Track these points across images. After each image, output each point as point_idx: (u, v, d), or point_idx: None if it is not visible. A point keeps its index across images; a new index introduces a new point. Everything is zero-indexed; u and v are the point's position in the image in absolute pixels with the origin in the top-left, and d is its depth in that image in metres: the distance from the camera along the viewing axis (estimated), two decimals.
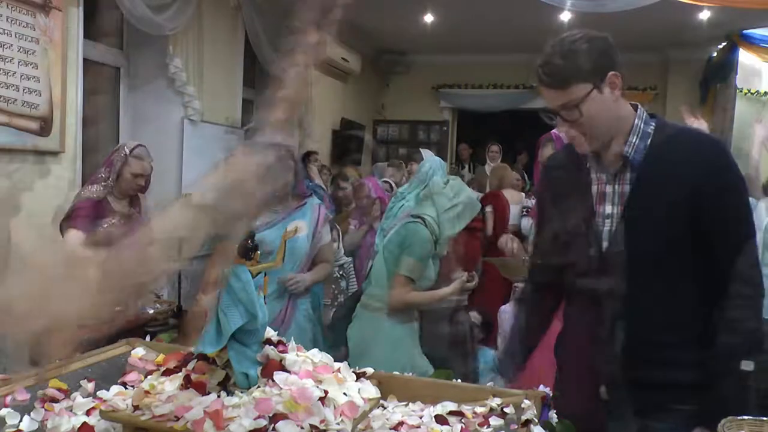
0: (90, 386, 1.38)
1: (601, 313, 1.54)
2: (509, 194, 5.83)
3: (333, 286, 3.91)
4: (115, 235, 2.87)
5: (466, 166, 8.61)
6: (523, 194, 6.11)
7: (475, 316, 3.87)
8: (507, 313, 4.51)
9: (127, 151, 2.95)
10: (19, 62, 3.29)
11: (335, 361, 1.29)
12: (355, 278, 4.08)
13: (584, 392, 1.58)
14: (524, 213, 6.19)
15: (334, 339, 2.82)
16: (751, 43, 6.88)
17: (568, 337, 1.72)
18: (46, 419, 1.24)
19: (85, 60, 3.80)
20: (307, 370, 1.21)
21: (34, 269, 0.70)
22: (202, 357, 1.20)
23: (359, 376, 1.31)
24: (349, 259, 4.14)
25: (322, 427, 1.07)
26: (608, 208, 1.57)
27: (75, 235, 2.81)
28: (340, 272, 3.99)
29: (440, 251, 2.69)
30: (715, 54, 7.44)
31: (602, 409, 1.57)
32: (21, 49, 3.30)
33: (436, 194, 2.66)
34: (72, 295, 0.69)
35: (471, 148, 8.81)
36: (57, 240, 2.62)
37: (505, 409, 1.33)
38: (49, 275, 0.71)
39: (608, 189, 1.58)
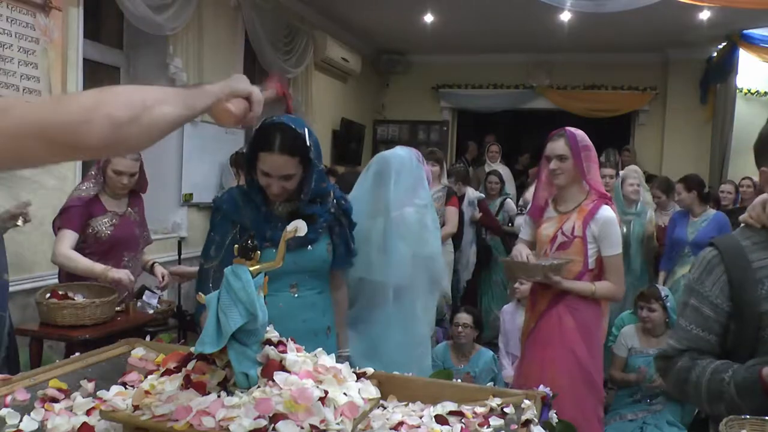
0: (90, 386, 1.38)
1: None
2: None
3: None
4: (105, 234, 2.89)
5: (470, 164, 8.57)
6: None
7: (466, 316, 3.87)
8: (509, 313, 4.52)
9: None
10: (19, 62, 3.29)
11: None
12: None
13: None
14: (519, 212, 6.23)
15: None
16: (751, 43, 6.87)
17: None
18: (46, 419, 1.24)
19: (85, 60, 3.80)
20: (307, 370, 1.21)
21: None
22: (202, 357, 1.20)
23: (359, 376, 1.31)
24: None
25: (322, 427, 1.07)
26: None
27: (64, 236, 2.82)
28: None
29: None
30: (715, 54, 7.43)
31: None
32: (21, 49, 3.30)
33: None
34: None
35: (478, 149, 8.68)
36: None
37: (505, 409, 1.34)
38: None
39: None
